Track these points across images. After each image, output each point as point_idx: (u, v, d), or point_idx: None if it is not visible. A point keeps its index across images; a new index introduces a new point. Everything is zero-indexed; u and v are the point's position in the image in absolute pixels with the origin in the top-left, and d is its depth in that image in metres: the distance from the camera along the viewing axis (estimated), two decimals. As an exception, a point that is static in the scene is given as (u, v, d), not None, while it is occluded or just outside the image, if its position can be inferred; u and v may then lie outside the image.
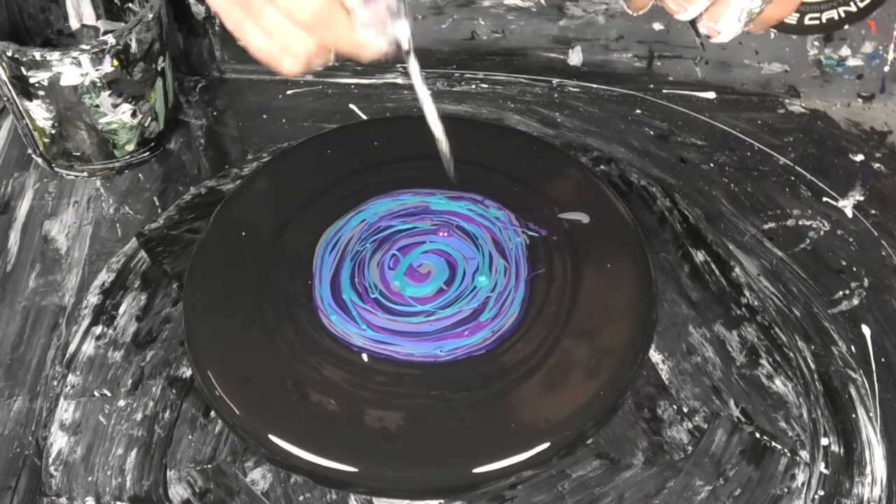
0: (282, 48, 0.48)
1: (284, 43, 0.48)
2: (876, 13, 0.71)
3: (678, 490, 0.53)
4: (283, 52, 0.48)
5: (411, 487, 0.51)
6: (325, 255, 0.58)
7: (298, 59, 0.48)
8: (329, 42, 0.47)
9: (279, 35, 0.47)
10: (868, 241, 0.66)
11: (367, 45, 0.47)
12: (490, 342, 0.54)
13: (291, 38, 0.47)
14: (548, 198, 0.61)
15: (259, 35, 0.48)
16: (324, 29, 0.46)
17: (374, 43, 0.47)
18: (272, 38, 0.48)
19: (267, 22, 0.47)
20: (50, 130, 0.67)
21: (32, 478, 0.54)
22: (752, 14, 0.47)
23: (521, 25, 0.76)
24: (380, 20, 0.46)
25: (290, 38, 0.47)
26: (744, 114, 0.75)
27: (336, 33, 0.47)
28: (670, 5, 0.48)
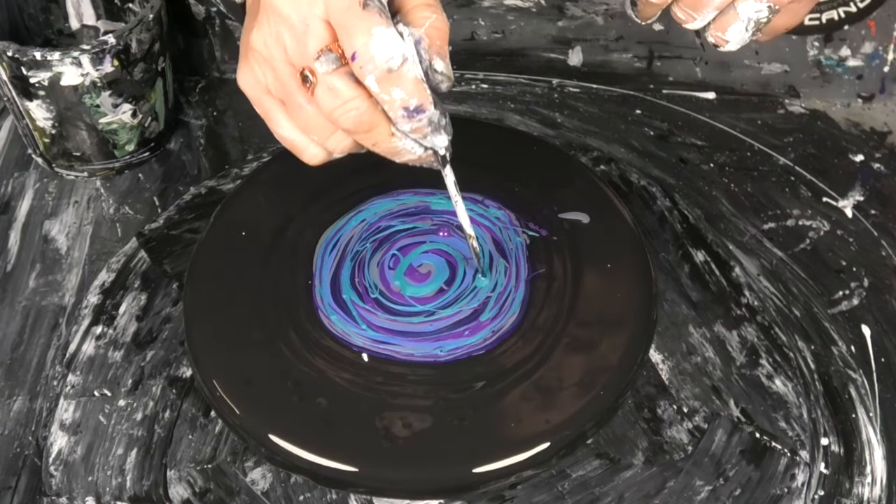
0: (315, 142, 0.49)
1: (319, 139, 0.48)
2: (876, 13, 0.71)
3: (678, 490, 0.53)
4: (311, 144, 0.49)
5: (411, 487, 0.51)
6: (325, 255, 0.58)
7: (327, 152, 0.49)
8: (366, 145, 0.48)
9: (316, 132, 0.48)
10: (868, 241, 0.66)
11: (404, 151, 0.48)
12: (490, 342, 0.54)
13: (327, 136, 0.48)
14: (548, 198, 0.61)
15: (290, 127, 0.49)
16: (363, 134, 0.47)
17: (412, 150, 0.48)
18: (306, 133, 0.48)
19: (304, 119, 0.47)
20: (50, 130, 0.67)
21: (32, 478, 0.54)
22: (759, 24, 0.47)
23: (521, 26, 0.76)
24: (421, 132, 0.47)
25: (325, 136, 0.48)
26: (744, 114, 0.75)
27: (375, 139, 0.47)
28: (678, 15, 0.48)
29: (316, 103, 0.46)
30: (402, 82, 0.44)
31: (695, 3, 0.47)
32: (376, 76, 0.44)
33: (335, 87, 0.45)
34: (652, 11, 0.49)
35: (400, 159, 0.49)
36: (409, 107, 0.45)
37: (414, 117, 0.45)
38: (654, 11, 0.49)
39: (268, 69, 0.47)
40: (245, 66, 0.49)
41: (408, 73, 0.44)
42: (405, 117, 0.45)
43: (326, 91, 0.45)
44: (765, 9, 0.46)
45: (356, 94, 0.45)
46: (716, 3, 0.46)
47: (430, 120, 0.46)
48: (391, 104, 0.45)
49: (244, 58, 0.49)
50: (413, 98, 0.45)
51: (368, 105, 0.45)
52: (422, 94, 0.45)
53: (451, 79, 0.46)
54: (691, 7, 0.47)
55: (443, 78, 0.46)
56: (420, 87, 0.45)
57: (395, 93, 0.44)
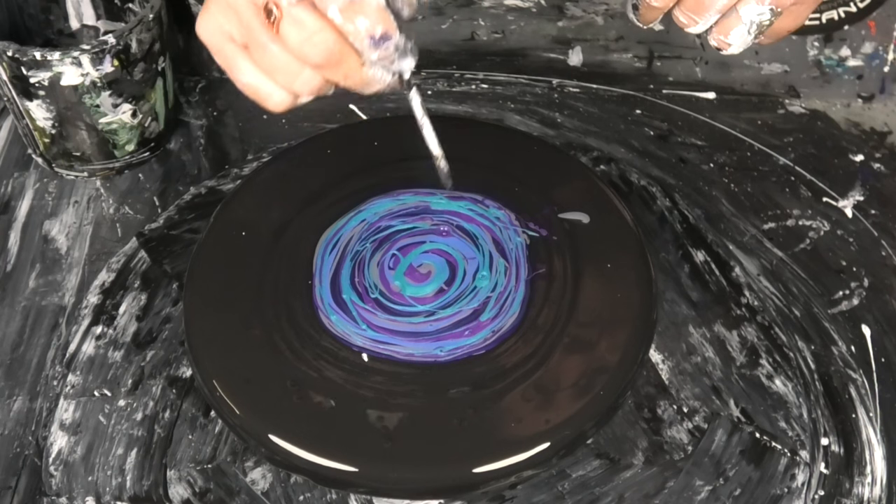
0: (281, 85, 0.47)
1: (286, 80, 0.47)
2: (876, 13, 0.71)
3: (678, 490, 0.53)
4: (276, 89, 0.48)
5: (411, 487, 0.51)
6: (325, 255, 0.58)
7: (293, 95, 0.48)
8: (336, 79, 0.47)
9: (282, 72, 0.47)
10: (868, 241, 0.66)
11: (374, 80, 0.47)
12: (490, 342, 0.54)
13: (295, 75, 0.47)
14: (548, 198, 0.61)
15: (254, 72, 0.47)
16: (333, 68, 0.46)
17: (381, 79, 0.47)
18: (272, 76, 0.47)
19: (269, 60, 0.46)
20: (50, 130, 0.67)
21: (32, 478, 0.54)
22: (761, 27, 0.47)
23: (521, 26, 0.76)
24: (388, 59, 0.46)
25: (293, 75, 0.47)
26: (744, 114, 0.75)
27: (344, 72, 0.46)
28: (680, 19, 0.48)
29: (282, 41, 0.45)
30: (365, 10, 0.44)
31: (697, 7, 0.47)
32: (339, 6, 0.43)
33: (301, 18, 0.44)
34: (654, 15, 0.49)
35: (369, 90, 0.48)
36: (375, 35, 0.44)
37: (380, 45, 0.45)
38: (655, 15, 0.49)
39: (230, 12, 0.46)
40: (205, 14, 0.47)
41: (370, 1, 0.44)
42: (371, 46, 0.45)
43: (292, 24, 0.44)
44: (767, 11, 0.46)
45: (322, 26, 0.44)
46: (718, 6, 0.46)
47: (397, 46, 0.46)
48: (356, 34, 0.44)
49: (205, 6, 0.47)
50: (378, 25, 0.44)
51: (335, 36, 0.44)
52: (386, 21, 0.44)
53: (413, 3, 0.46)
54: (693, 11, 0.47)
55: (403, 3, 0.45)
56: (384, 14, 0.44)
57: (359, 22, 0.44)
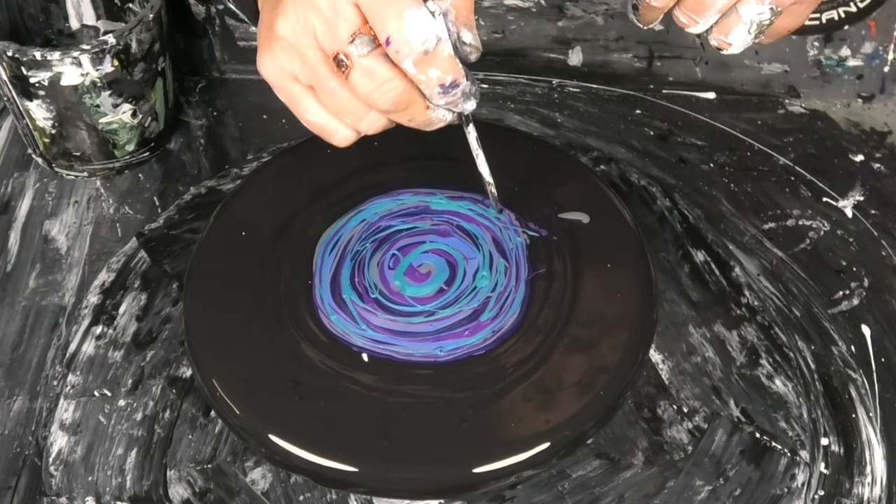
0: (346, 125, 0.49)
1: (353, 122, 0.49)
2: (876, 13, 0.71)
3: (678, 490, 0.53)
4: (341, 126, 0.49)
5: (411, 487, 0.51)
6: (325, 255, 0.58)
7: (357, 133, 0.50)
8: (402, 121, 0.49)
9: (349, 115, 0.48)
10: (868, 241, 0.66)
11: (437, 121, 0.49)
12: (490, 342, 0.54)
13: (362, 117, 0.48)
14: (548, 198, 0.61)
15: (320, 112, 0.49)
16: (400, 113, 0.47)
17: (443, 118, 0.49)
18: (338, 117, 0.49)
19: (337, 104, 0.48)
20: (50, 130, 0.67)
21: (32, 478, 0.54)
22: (762, 26, 0.47)
23: (521, 26, 0.76)
24: (454, 103, 0.48)
25: (360, 117, 0.48)
26: (744, 114, 0.75)
27: (411, 115, 0.48)
28: (681, 19, 0.48)
29: (350, 87, 0.46)
30: (437, 62, 0.45)
31: (697, 7, 0.47)
32: (413, 59, 0.44)
33: (372, 69, 0.45)
34: (654, 16, 0.49)
35: (431, 128, 0.50)
36: (445, 83, 0.46)
37: (449, 92, 0.46)
38: (655, 16, 0.49)
39: (295, 56, 0.47)
40: (268, 54, 0.48)
41: (443, 53, 0.45)
42: (441, 94, 0.46)
43: (363, 74, 0.46)
44: (767, 11, 0.46)
45: (393, 75, 0.45)
46: (718, 6, 0.46)
47: (464, 91, 0.47)
48: (428, 83, 0.46)
49: (266, 46, 0.48)
50: (448, 75, 0.46)
51: (406, 84, 0.46)
52: (456, 70, 0.46)
53: (480, 49, 0.47)
54: (693, 11, 0.47)
55: (471, 49, 0.47)
56: (454, 64, 0.46)
57: (431, 72, 0.45)
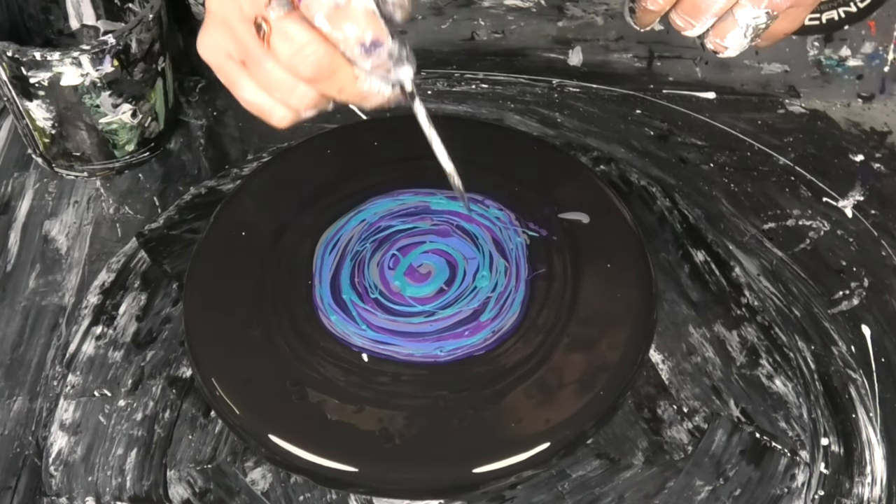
0: (279, 101, 0.47)
1: (283, 96, 0.46)
2: (876, 14, 0.71)
3: (678, 490, 0.53)
4: (277, 105, 0.47)
5: (411, 487, 0.51)
6: (325, 255, 0.58)
7: (294, 111, 0.47)
8: (331, 93, 0.46)
9: (278, 88, 0.46)
10: (868, 241, 0.66)
11: (371, 93, 0.46)
12: (490, 342, 0.54)
13: (290, 90, 0.46)
14: (548, 198, 0.61)
15: (254, 89, 0.47)
16: (326, 81, 0.45)
17: (378, 91, 0.46)
18: (269, 92, 0.47)
19: (265, 76, 0.46)
20: (50, 130, 0.67)
21: (32, 478, 0.54)
22: (758, 30, 0.47)
23: (521, 26, 0.76)
24: (383, 67, 0.45)
25: (289, 90, 0.46)
26: (744, 114, 0.75)
27: (339, 85, 0.45)
28: (677, 22, 0.48)
29: (274, 56, 0.44)
30: (352, 16, 0.42)
31: (693, 10, 0.47)
32: (325, 13, 0.42)
33: (288, 31, 0.43)
34: (650, 18, 0.49)
35: (369, 104, 0.47)
36: (366, 42, 0.43)
37: (372, 52, 0.43)
38: (652, 18, 0.49)
39: (226, 30, 0.46)
40: (204, 32, 0.47)
41: (357, 7, 0.42)
42: (363, 54, 0.43)
43: (281, 38, 0.43)
44: (763, 15, 0.46)
45: (310, 37, 0.43)
46: (714, 9, 0.46)
47: (391, 53, 0.44)
48: (346, 42, 0.43)
49: (204, 24, 0.47)
50: (367, 31, 0.43)
51: (326, 47, 0.43)
52: (376, 27, 0.43)
53: (406, 6, 0.44)
54: (689, 14, 0.47)
55: (395, 7, 0.44)
56: (373, 20, 0.43)
57: (347, 28, 0.43)
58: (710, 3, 0.46)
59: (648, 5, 0.48)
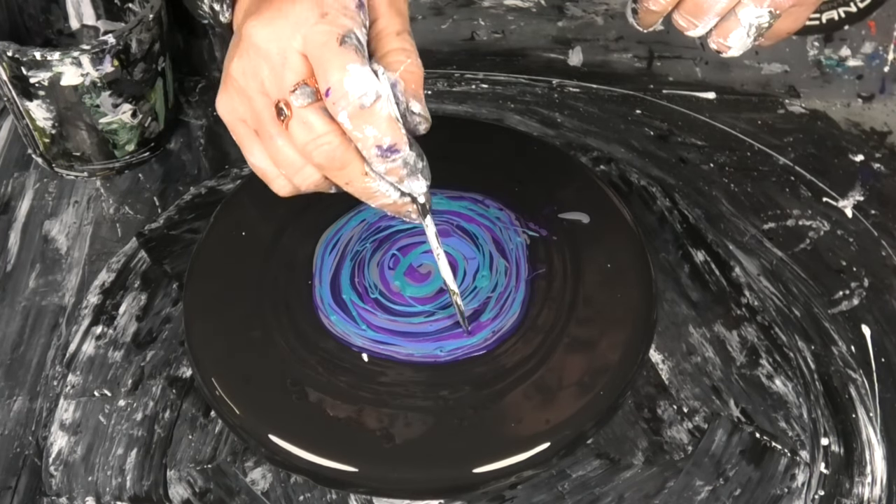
0: (283, 175, 0.48)
1: (288, 173, 0.48)
2: (876, 14, 0.71)
3: (678, 490, 0.53)
4: (280, 177, 0.48)
5: (411, 487, 0.51)
6: (325, 255, 0.58)
7: (294, 187, 0.49)
8: (339, 183, 0.47)
9: (285, 165, 0.47)
10: (868, 241, 0.66)
11: (378, 194, 0.47)
12: (490, 342, 0.54)
13: (297, 170, 0.47)
14: (548, 198, 0.61)
15: (263, 157, 0.48)
16: (336, 171, 0.46)
17: (386, 193, 0.47)
18: (277, 165, 0.48)
19: (275, 151, 0.47)
20: (50, 130, 0.67)
21: (32, 478, 0.54)
22: (760, 29, 0.47)
23: (521, 26, 0.76)
24: (395, 174, 0.46)
25: (295, 170, 0.47)
26: (744, 114, 0.75)
27: (348, 178, 0.46)
28: (680, 22, 0.48)
29: (288, 137, 0.46)
30: (374, 119, 0.44)
31: (695, 10, 0.47)
32: (349, 112, 0.44)
33: (309, 121, 0.45)
34: (653, 19, 0.49)
35: (375, 203, 0.48)
36: (383, 145, 0.44)
37: (388, 157, 0.45)
38: (654, 19, 0.49)
39: (244, 99, 0.47)
40: (223, 93, 0.49)
41: (381, 111, 0.44)
42: (379, 156, 0.45)
43: (300, 125, 0.45)
44: (766, 14, 0.46)
45: (329, 130, 0.45)
46: (716, 9, 0.46)
47: (406, 161, 0.45)
48: (364, 141, 0.45)
49: (224, 84, 0.49)
50: (386, 136, 0.44)
51: (341, 141, 0.45)
52: (396, 133, 0.45)
53: (429, 120, 0.46)
54: (692, 14, 0.47)
55: (420, 119, 0.46)
56: (394, 126, 0.44)
57: (367, 130, 0.44)
58: (713, 3, 0.46)
59: (650, 6, 0.48)
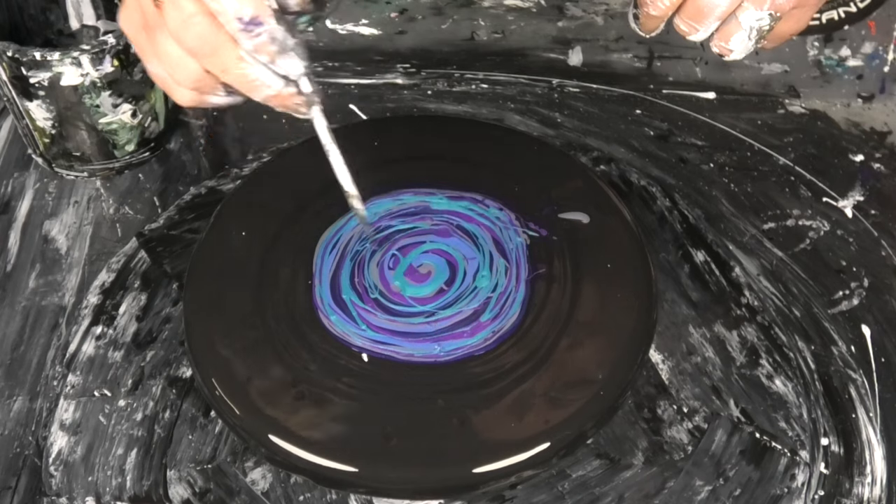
0: (169, 75, 0.46)
1: (171, 70, 0.46)
2: (876, 13, 0.71)
3: (678, 490, 0.53)
4: (173, 80, 0.47)
5: (411, 487, 0.51)
6: (325, 255, 0.58)
7: (187, 88, 0.47)
8: (215, 71, 0.45)
9: (167, 61, 0.45)
10: (868, 241, 0.66)
11: (258, 81, 0.45)
12: (490, 342, 0.54)
13: (177, 63, 0.45)
14: (548, 198, 0.61)
15: (155, 61, 0.47)
16: (209, 57, 0.44)
17: (265, 80, 0.45)
18: (161, 63, 0.46)
19: (160, 48, 0.45)
20: (50, 130, 0.67)
21: (32, 478, 0.54)
22: (761, 32, 0.47)
23: (521, 26, 0.76)
24: (264, 51, 0.43)
25: (175, 64, 0.45)
26: (744, 114, 0.75)
27: (222, 64, 0.44)
28: (681, 27, 0.48)
29: (166, 26, 0.44)
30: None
31: (696, 14, 0.47)
32: None
33: (178, 1, 0.43)
34: (654, 24, 0.49)
35: (259, 96, 0.45)
36: (244, 17, 0.42)
37: (251, 31, 0.42)
38: (656, 24, 0.49)
39: (136, 2, 0.45)
40: (122, 7, 0.47)
41: None
42: (243, 30, 0.42)
43: (172, 7, 0.43)
44: (766, 16, 0.46)
45: (197, 10, 0.42)
46: (717, 13, 0.46)
47: (273, 37, 0.43)
48: (224, 15, 0.42)
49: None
50: (246, 7, 0.42)
51: (209, 20, 0.43)
52: (257, 4, 0.42)
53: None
54: (693, 18, 0.47)
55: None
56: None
57: (225, 2, 0.42)
58: (713, 7, 0.46)
59: (651, 11, 0.48)
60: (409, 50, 0.78)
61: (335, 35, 0.78)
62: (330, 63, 0.78)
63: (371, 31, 0.78)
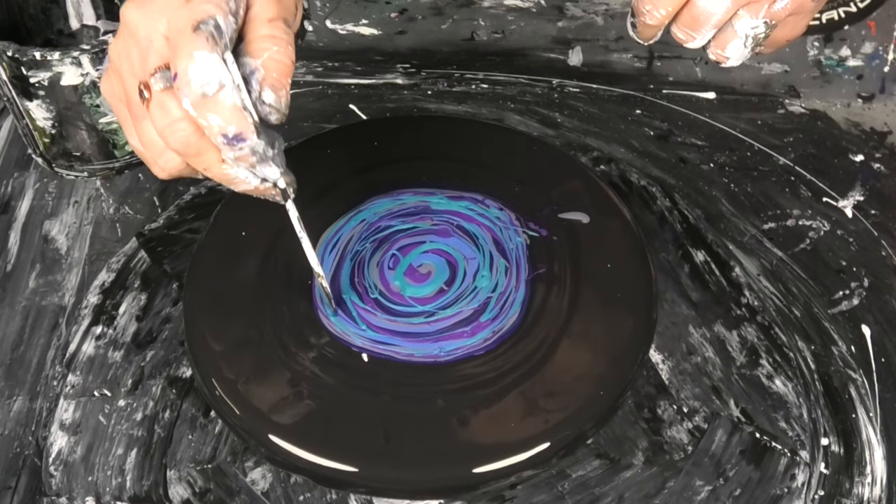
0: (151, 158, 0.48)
1: (153, 156, 0.48)
2: (876, 14, 0.71)
3: (678, 490, 0.53)
4: (154, 161, 0.48)
5: (411, 487, 0.51)
6: (325, 255, 0.58)
7: (167, 173, 0.49)
8: (198, 169, 0.47)
9: (150, 148, 0.47)
10: (868, 241, 0.66)
11: (238, 180, 0.47)
12: (490, 342, 0.54)
13: (160, 153, 0.47)
14: (548, 198, 0.61)
15: (136, 139, 0.48)
16: (193, 157, 0.46)
17: (245, 179, 0.47)
18: (144, 147, 0.48)
19: (142, 132, 0.47)
20: (50, 130, 0.67)
21: (32, 478, 0.54)
22: (757, 39, 0.48)
23: (521, 26, 0.76)
24: (246, 161, 0.46)
25: (158, 153, 0.47)
26: (744, 114, 0.75)
27: (205, 164, 0.46)
28: (678, 35, 0.49)
29: (152, 122, 0.46)
30: (217, 108, 0.44)
31: (692, 23, 0.48)
32: (191, 100, 0.44)
33: (165, 105, 0.45)
34: (651, 32, 0.50)
35: (237, 188, 0.48)
36: (227, 134, 0.44)
37: (234, 145, 0.45)
38: (652, 32, 0.50)
39: (119, 80, 0.47)
40: (105, 75, 0.49)
41: (224, 100, 0.43)
42: (225, 144, 0.45)
43: (158, 108, 0.45)
44: (761, 24, 0.47)
45: (183, 115, 0.45)
46: (713, 21, 0.47)
47: (254, 150, 0.45)
48: (210, 129, 0.44)
49: (107, 69, 0.49)
50: (230, 125, 0.44)
51: (194, 128, 0.45)
52: (241, 122, 0.44)
53: (282, 112, 0.46)
54: (689, 27, 0.48)
55: (271, 110, 0.45)
56: (238, 115, 0.44)
57: (211, 118, 0.44)
58: (709, 16, 0.47)
59: (647, 20, 0.48)
60: (409, 50, 0.78)
61: (335, 35, 0.78)
62: (330, 63, 0.78)
63: (371, 31, 0.78)
